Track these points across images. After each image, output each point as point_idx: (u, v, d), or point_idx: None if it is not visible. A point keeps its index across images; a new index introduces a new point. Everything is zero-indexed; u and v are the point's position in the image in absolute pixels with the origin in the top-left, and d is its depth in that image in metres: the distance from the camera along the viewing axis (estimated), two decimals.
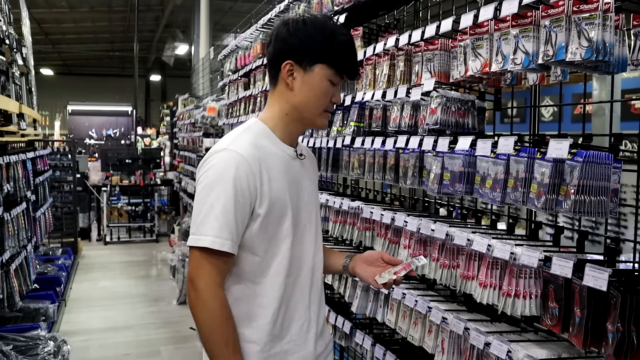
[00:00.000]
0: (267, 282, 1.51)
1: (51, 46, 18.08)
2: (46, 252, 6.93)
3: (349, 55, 1.54)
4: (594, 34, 1.41)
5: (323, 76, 1.51)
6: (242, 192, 1.42)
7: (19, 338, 3.93)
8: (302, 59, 1.50)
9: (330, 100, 1.55)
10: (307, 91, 1.52)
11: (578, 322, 1.46)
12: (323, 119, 1.58)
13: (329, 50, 1.49)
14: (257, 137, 1.52)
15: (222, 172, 1.43)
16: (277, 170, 1.50)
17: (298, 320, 1.56)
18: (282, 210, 1.50)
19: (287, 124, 1.57)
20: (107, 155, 9.43)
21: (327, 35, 1.49)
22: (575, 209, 1.43)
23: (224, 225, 1.40)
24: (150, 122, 22.82)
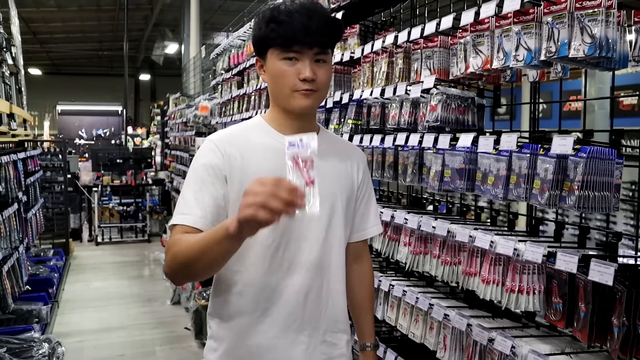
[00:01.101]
0: (245, 270, 1.46)
1: (39, 45, 17.92)
2: (37, 254, 6.87)
3: (288, 27, 1.42)
4: (597, 30, 1.42)
5: (275, 58, 1.47)
6: (206, 171, 1.45)
7: (13, 340, 3.88)
8: (258, 51, 1.53)
9: (299, 79, 1.46)
10: (270, 79, 1.51)
11: (583, 316, 1.47)
12: (297, 100, 1.47)
13: (265, 33, 1.46)
14: (244, 128, 1.56)
15: (196, 158, 1.50)
16: (261, 158, 1.47)
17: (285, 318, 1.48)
18: None
19: (278, 116, 1.55)
20: (97, 155, 9.35)
21: (264, 19, 1.47)
22: (580, 204, 1.44)
23: (187, 204, 1.43)
24: (140, 121, 22.69)
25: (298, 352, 1.49)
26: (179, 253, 1.35)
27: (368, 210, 1.65)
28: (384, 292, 2.35)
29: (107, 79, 22.06)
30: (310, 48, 1.44)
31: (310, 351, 1.51)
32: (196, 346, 4.77)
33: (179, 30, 13.49)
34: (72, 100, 16.07)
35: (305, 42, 1.44)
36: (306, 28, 1.41)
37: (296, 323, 1.49)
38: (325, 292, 1.52)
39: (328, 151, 1.56)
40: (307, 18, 1.42)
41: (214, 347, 1.52)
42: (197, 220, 1.40)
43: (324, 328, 1.53)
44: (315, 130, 1.57)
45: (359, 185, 1.62)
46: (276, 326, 1.48)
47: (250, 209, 1.10)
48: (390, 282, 2.28)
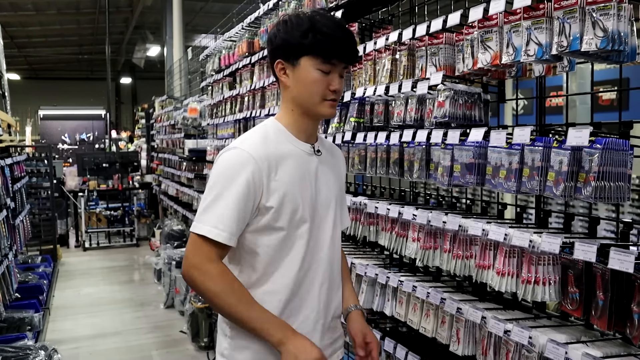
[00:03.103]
0: (279, 272, 1.56)
1: (17, 50, 17.62)
2: (25, 261, 6.77)
3: (331, 41, 1.53)
4: (609, 24, 1.44)
5: (310, 67, 1.54)
6: (247, 188, 1.49)
7: (8, 349, 3.83)
8: (288, 55, 1.56)
9: (329, 89, 1.57)
10: (299, 85, 1.56)
11: (602, 305, 1.50)
12: (326, 108, 1.59)
13: (307, 41, 1.52)
14: (269, 136, 1.59)
15: (230, 169, 1.50)
16: (289, 167, 1.55)
17: (305, 310, 1.59)
18: (294, 205, 1.54)
19: (296, 120, 1.62)
20: (83, 160, 9.24)
21: (305, 27, 1.52)
22: (596, 195, 1.46)
23: (223, 218, 1.47)
24: (122, 125, 22.47)
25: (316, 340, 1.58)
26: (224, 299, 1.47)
27: (345, 203, 1.81)
28: (392, 288, 2.36)
29: (88, 82, 21.78)
30: (345, 63, 1.59)
31: (323, 338, 1.64)
32: (193, 349, 4.75)
33: (161, 33, 13.36)
34: (53, 105, 15.84)
35: (343, 58, 1.57)
36: (346, 45, 1.57)
37: (315, 315, 1.61)
38: (333, 283, 1.67)
39: (326, 153, 1.70)
40: (346, 35, 1.57)
41: (244, 345, 1.55)
42: (231, 238, 1.49)
43: (331, 315, 1.67)
44: (316, 137, 1.69)
45: (343, 181, 1.80)
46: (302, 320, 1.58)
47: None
48: (399, 278, 2.30)
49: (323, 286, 1.63)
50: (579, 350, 1.49)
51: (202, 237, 1.48)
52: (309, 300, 1.59)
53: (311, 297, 1.60)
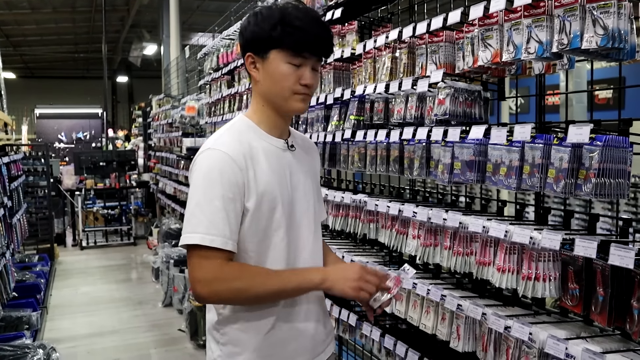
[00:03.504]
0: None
1: (12, 49, 17.56)
2: (22, 260, 6.75)
3: (301, 34, 1.48)
4: (609, 21, 1.45)
5: (280, 60, 1.50)
6: (231, 188, 1.44)
7: (6, 348, 3.82)
8: (257, 49, 1.52)
9: (300, 83, 1.51)
10: (268, 79, 1.52)
11: (602, 301, 1.51)
12: (296, 102, 1.54)
13: (277, 34, 1.47)
14: (241, 133, 1.54)
15: (208, 172, 1.45)
16: (265, 164, 1.51)
17: (296, 310, 1.56)
18: (272, 204, 1.50)
19: (268, 116, 1.58)
20: (80, 159, 9.22)
21: (275, 20, 1.47)
22: (596, 191, 1.48)
23: (213, 222, 1.42)
24: (118, 124, 22.42)
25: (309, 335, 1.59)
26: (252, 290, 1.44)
27: (321, 196, 1.78)
28: None
29: (84, 81, 21.73)
30: (317, 57, 1.54)
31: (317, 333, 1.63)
32: (192, 347, 4.75)
33: (157, 32, 13.35)
34: (49, 103, 15.81)
35: (315, 51, 1.53)
36: (318, 38, 1.51)
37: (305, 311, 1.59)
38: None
39: (300, 150, 1.66)
40: (319, 28, 1.52)
41: (237, 352, 1.53)
42: (227, 242, 1.43)
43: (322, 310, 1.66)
44: (289, 131, 1.66)
45: (318, 174, 1.77)
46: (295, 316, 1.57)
47: (362, 292, 1.46)
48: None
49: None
50: (579, 346, 1.50)
51: (197, 249, 1.41)
52: (298, 300, 1.57)
53: (300, 297, 1.57)
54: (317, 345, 1.63)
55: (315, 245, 1.64)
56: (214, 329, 1.57)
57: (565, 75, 6.07)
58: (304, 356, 1.59)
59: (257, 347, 1.52)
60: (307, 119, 3.05)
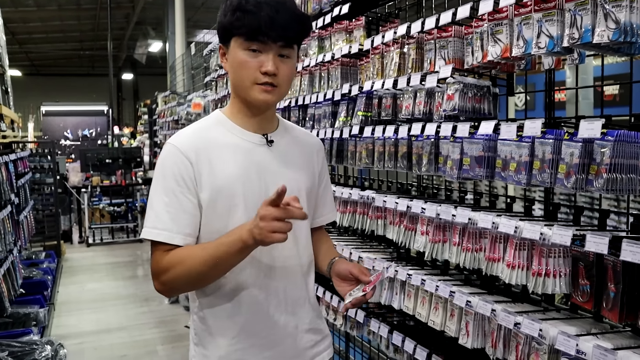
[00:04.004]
0: (230, 274, 1.45)
1: (18, 46, 17.62)
2: (29, 256, 6.79)
3: (253, 18, 1.40)
4: (622, 15, 1.44)
5: (237, 48, 1.44)
6: (179, 181, 1.42)
7: (14, 344, 3.84)
8: (222, 39, 1.49)
9: (260, 71, 1.43)
10: (232, 69, 1.48)
11: (613, 297, 1.50)
12: (255, 93, 1.45)
13: (229, 21, 1.43)
14: (205, 128, 1.51)
15: (161, 166, 1.46)
16: (227, 159, 1.46)
17: (272, 315, 1.51)
18: (231, 200, 1.44)
19: (239, 109, 1.52)
20: (86, 156, 9.26)
21: (233, 7, 1.43)
22: (608, 187, 1.46)
23: (158, 217, 1.41)
24: (123, 121, 22.48)
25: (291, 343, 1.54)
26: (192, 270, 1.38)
27: (325, 196, 1.73)
28: (400, 281, 2.37)
29: (89, 79, 21.81)
30: (275, 42, 1.44)
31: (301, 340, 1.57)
32: None
33: (162, 29, 13.37)
34: (55, 100, 15.87)
35: (270, 35, 1.43)
36: (272, 21, 1.41)
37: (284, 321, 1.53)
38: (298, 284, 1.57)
39: (290, 143, 1.60)
40: (275, 11, 1.42)
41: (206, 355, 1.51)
42: (173, 237, 1.41)
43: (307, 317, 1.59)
44: (275, 125, 1.59)
45: (319, 173, 1.68)
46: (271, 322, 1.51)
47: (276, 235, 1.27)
48: (407, 272, 2.30)
49: (291, 286, 1.54)
50: (590, 342, 1.49)
51: (152, 243, 1.43)
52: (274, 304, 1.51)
53: (276, 301, 1.51)
54: (304, 351, 1.58)
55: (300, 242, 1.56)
56: (192, 328, 1.57)
57: (573, 71, 6.06)
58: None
59: (223, 353, 1.48)
60: (314, 115, 3.04)
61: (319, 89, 3.03)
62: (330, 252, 1.70)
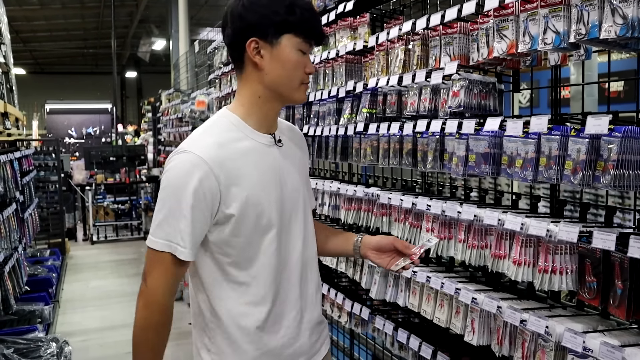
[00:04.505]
0: (253, 280, 1.46)
1: (22, 45, 17.67)
2: (34, 254, 6.81)
3: (314, 20, 1.44)
4: (629, 10, 1.43)
5: (292, 47, 1.41)
6: (200, 197, 1.36)
7: (19, 341, 3.86)
8: (266, 33, 1.40)
9: (305, 72, 1.46)
10: (279, 67, 1.42)
11: (620, 293, 1.50)
12: (301, 93, 1.48)
13: (292, 17, 1.39)
14: (223, 133, 1.44)
15: (180, 176, 1.37)
16: (248, 167, 1.43)
17: (290, 313, 1.51)
18: (258, 208, 1.43)
19: (260, 108, 1.47)
20: (90, 154, 9.28)
21: (287, 2, 1.39)
22: (615, 183, 1.46)
23: (177, 230, 1.36)
24: (127, 119, 22.53)
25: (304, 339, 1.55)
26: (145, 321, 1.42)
27: (310, 185, 1.71)
28: (405, 278, 2.36)
29: (93, 77, 21.85)
30: (318, 45, 1.51)
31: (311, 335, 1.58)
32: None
33: (166, 27, 13.38)
34: (59, 99, 15.92)
35: (320, 38, 1.48)
36: (322, 27, 1.50)
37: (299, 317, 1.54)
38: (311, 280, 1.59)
39: (286, 139, 1.58)
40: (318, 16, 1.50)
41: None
42: (190, 253, 1.39)
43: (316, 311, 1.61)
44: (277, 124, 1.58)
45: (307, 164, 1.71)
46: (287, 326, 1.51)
47: None
48: (412, 269, 2.30)
49: (304, 284, 1.55)
50: (596, 339, 1.49)
51: (157, 252, 1.37)
52: (290, 304, 1.51)
53: (292, 301, 1.52)
54: (313, 344, 1.59)
55: (308, 239, 1.58)
56: (204, 335, 1.51)
57: (578, 67, 6.04)
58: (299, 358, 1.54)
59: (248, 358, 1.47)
60: (318, 112, 3.04)
61: (323, 86, 3.02)
62: (342, 232, 1.77)
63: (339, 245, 1.74)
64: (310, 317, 1.57)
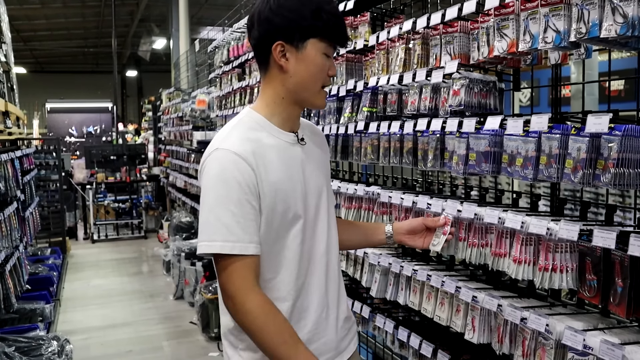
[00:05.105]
0: (279, 275, 1.47)
1: (23, 44, 17.68)
2: (35, 253, 6.82)
3: (339, 24, 1.47)
4: (629, 9, 1.43)
5: (317, 51, 1.44)
6: (244, 189, 1.38)
7: (20, 339, 3.86)
8: (292, 37, 1.43)
9: (327, 74, 1.49)
10: (303, 70, 1.45)
11: (620, 292, 1.50)
12: (322, 97, 1.52)
13: (318, 22, 1.42)
14: (250, 130, 1.47)
15: (219, 174, 1.39)
16: (276, 162, 1.45)
17: (316, 309, 1.53)
18: (286, 203, 1.45)
19: (284, 109, 1.51)
20: (91, 153, 9.28)
21: (314, 6, 1.42)
22: (615, 181, 1.46)
23: (229, 229, 1.36)
24: (127, 118, 22.55)
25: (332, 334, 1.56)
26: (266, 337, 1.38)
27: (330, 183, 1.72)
28: (406, 277, 2.37)
29: (93, 76, 21.87)
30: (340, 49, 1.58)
31: (340, 330, 1.60)
32: (203, 340, 4.78)
33: (166, 26, 13.39)
34: (60, 98, 15.92)
35: (345, 43, 1.52)
36: (346, 32, 1.51)
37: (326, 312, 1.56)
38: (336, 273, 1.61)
39: (309, 142, 1.59)
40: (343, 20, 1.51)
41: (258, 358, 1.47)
42: (247, 247, 1.38)
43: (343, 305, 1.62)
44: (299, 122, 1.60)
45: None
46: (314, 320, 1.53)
47: None
48: (413, 267, 2.31)
49: (328, 280, 1.57)
50: (597, 337, 1.49)
51: (220, 256, 1.38)
52: (316, 299, 1.53)
53: (317, 296, 1.53)
54: (341, 339, 1.61)
55: (331, 236, 1.60)
56: (230, 334, 1.51)
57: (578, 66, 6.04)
58: (326, 354, 1.55)
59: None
60: (319, 110, 3.04)
61: None
62: (365, 224, 1.84)
63: (366, 236, 1.81)
64: (336, 312, 1.59)
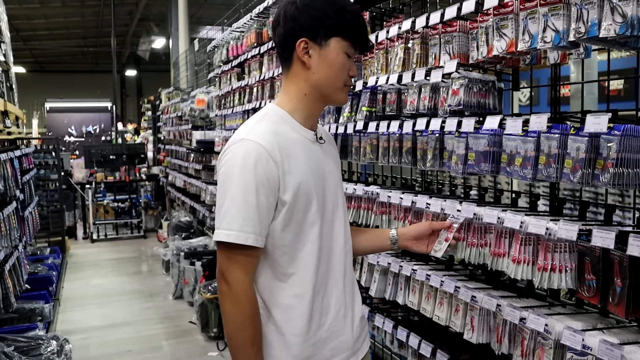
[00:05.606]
0: (300, 271, 1.49)
1: (22, 43, 17.67)
2: (34, 252, 6.82)
3: (361, 26, 1.51)
4: (629, 9, 1.43)
5: (339, 50, 1.48)
6: (264, 182, 1.39)
7: (20, 339, 3.86)
8: (316, 34, 1.47)
9: (348, 74, 1.53)
10: (325, 67, 1.49)
11: (619, 291, 1.50)
12: (344, 95, 1.56)
13: (342, 22, 1.46)
14: (275, 124, 1.49)
15: (242, 164, 1.40)
16: (299, 157, 1.47)
17: (335, 307, 1.54)
18: (308, 198, 1.47)
19: (306, 105, 1.54)
20: (90, 152, 9.28)
21: (338, 7, 1.47)
22: (614, 181, 1.46)
23: (247, 219, 1.38)
24: (127, 117, 22.54)
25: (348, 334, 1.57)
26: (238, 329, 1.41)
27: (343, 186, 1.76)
28: (405, 276, 2.37)
29: (93, 75, 21.87)
30: (361, 52, 1.59)
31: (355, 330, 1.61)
32: (203, 339, 4.78)
33: (166, 25, 13.38)
34: (59, 97, 15.92)
35: (365, 45, 1.56)
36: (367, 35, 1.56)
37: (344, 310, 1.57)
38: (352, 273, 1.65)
39: (328, 143, 1.65)
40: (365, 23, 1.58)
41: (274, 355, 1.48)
42: (257, 239, 1.41)
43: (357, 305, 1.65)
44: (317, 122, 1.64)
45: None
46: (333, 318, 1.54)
47: None
48: (412, 267, 2.30)
49: (346, 278, 1.59)
50: (596, 337, 1.49)
51: (230, 245, 1.39)
52: (335, 297, 1.54)
53: (336, 294, 1.55)
54: (356, 340, 1.61)
55: (346, 234, 1.63)
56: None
57: (578, 66, 6.04)
58: (342, 354, 1.56)
59: (296, 352, 1.48)
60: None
61: None
62: (369, 230, 1.85)
63: (371, 241, 1.81)
64: (353, 311, 1.61)
